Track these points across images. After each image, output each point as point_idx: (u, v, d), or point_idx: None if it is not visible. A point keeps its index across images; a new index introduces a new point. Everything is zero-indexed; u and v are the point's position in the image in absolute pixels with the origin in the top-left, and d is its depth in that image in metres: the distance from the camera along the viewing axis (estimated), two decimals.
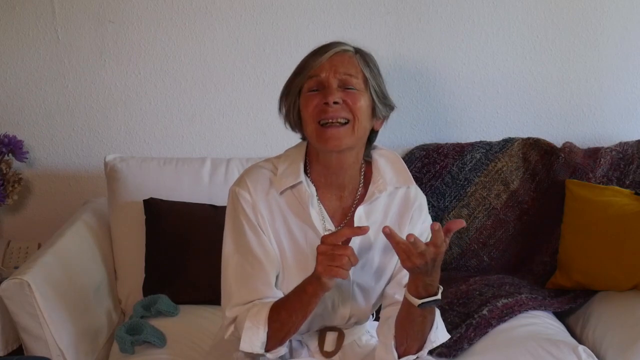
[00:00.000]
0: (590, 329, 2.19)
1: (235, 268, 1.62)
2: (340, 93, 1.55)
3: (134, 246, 2.34)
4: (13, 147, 2.49)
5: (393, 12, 2.61)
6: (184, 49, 2.59)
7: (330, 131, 1.55)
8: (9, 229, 2.66)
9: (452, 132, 2.70)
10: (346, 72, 1.57)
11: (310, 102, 1.57)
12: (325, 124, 1.55)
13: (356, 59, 1.59)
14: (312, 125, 1.57)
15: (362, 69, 1.59)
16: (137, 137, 2.64)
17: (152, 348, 2.02)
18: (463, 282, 2.32)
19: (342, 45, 1.60)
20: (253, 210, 1.62)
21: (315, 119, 1.56)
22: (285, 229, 1.63)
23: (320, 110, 1.55)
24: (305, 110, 1.58)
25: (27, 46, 2.56)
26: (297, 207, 1.63)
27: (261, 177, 1.64)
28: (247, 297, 1.59)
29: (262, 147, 2.65)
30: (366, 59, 1.61)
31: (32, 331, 1.90)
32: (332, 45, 1.60)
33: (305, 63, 1.59)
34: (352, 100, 1.56)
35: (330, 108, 1.54)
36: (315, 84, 1.57)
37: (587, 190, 2.37)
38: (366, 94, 1.59)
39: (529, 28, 2.66)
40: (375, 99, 1.60)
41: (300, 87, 1.59)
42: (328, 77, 1.56)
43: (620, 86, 2.71)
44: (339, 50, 1.58)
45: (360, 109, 1.56)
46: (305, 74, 1.58)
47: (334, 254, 1.45)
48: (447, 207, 2.51)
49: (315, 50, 1.60)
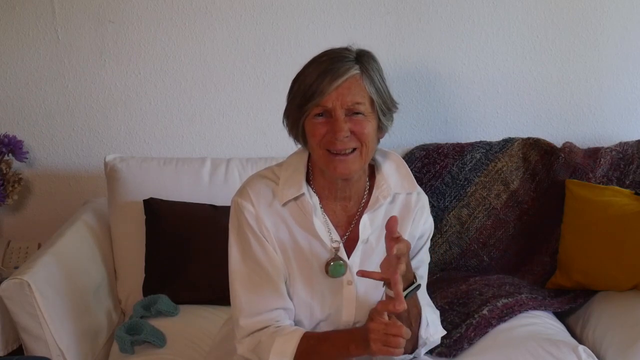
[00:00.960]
0: (590, 329, 2.19)
1: (242, 280, 1.61)
2: (348, 123, 1.53)
3: (134, 246, 2.34)
4: (13, 147, 2.49)
5: (393, 12, 2.61)
6: (184, 49, 2.59)
7: (338, 159, 1.54)
8: (9, 229, 2.66)
9: (452, 132, 2.70)
10: (353, 101, 1.53)
11: (317, 130, 1.54)
12: (333, 151, 1.54)
13: (363, 80, 1.54)
14: (319, 152, 1.56)
15: (368, 90, 1.54)
16: (137, 137, 2.64)
17: (152, 348, 2.02)
18: (463, 282, 2.32)
19: (347, 65, 1.53)
20: (257, 221, 1.61)
21: (323, 146, 1.55)
22: (290, 240, 1.62)
23: (328, 141, 1.54)
24: (313, 137, 1.56)
25: (27, 46, 2.56)
26: (301, 217, 1.62)
27: (263, 187, 1.63)
28: (257, 306, 1.59)
29: (262, 147, 2.65)
30: (371, 74, 1.55)
31: (32, 331, 1.90)
32: (337, 68, 1.52)
33: (311, 88, 1.53)
34: (360, 129, 1.54)
35: (339, 142, 1.52)
36: (321, 109, 1.54)
37: (587, 190, 2.37)
38: (373, 116, 1.56)
39: (529, 28, 2.66)
40: (381, 118, 1.58)
41: (306, 112, 1.56)
42: (335, 106, 1.52)
43: (620, 86, 2.71)
44: (345, 78, 1.52)
45: (368, 136, 1.55)
46: (311, 104, 1.53)
47: (389, 335, 1.44)
48: (447, 207, 2.51)
49: (322, 71, 1.53)
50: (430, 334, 1.63)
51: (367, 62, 1.57)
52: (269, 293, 1.60)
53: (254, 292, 1.60)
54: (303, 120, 1.57)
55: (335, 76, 1.51)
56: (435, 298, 2.19)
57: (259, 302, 1.59)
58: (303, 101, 1.54)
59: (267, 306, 1.60)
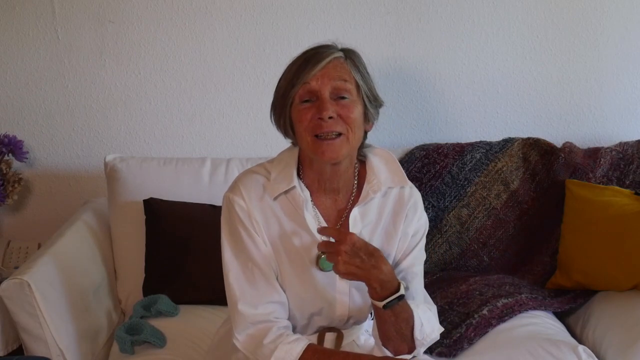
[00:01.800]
0: (590, 329, 2.19)
1: (236, 274, 1.62)
2: (334, 106, 1.54)
3: (134, 246, 2.34)
4: (13, 147, 2.49)
5: (393, 12, 2.61)
6: (184, 49, 2.59)
7: (326, 144, 1.54)
8: (9, 229, 2.66)
9: (452, 132, 2.70)
10: (339, 79, 1.55)
11: (304, 115, 1.55)
12: (320, 136, 1.55)
13: (347, 64, 1.57)
14: (307, 138, 1.56)
15: (354, 74, 1.57)
16: (137, 137, 2.64)
17: (152, 348, 2.02)
18: (463, 282, 2.32)
19: (331, 50, 1.57)
20: (248, 216, 1.61)
21: (310, 132, 1.55)
22: (281, 234, 1.63)
23: (315, 125, 1.54)
24: (299, 124, 1.56)
25: (27, 46, 2.56)
26: (292, 211, 1.63)
27: (254, 183, 1.64)
28: (253, 299, 1.60)
29: (262, 147, 2.65)
30: (356, 62, 1.59)
31: (32, 331, 1.90)
32: (321, 52, 1.56)
33: (295, 74, 1.56)
34: (346, 112, 1.55)
35: (325, 123, 1.53)
36: (307, 93, 1.55)
37: (587, 190, 2.38)
38: (358, 101, 1.57)
39: (529, 28, 2.66)
40: (367, 104, 1.59)
41: (292, 98, 1.57)
42: (320, 86, 1.54)
43: (620, 86, 2.71)
44: (330, 58, 1.55)
45: (354, 121, 1.56)
46: (296, 87, 1.55)
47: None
48: (447, 207, 2.51)
49: (305, 58, 1.56)
50: (427, 333, 1.62)
51: (352, 53, 1.60)
52: (263, 286, 1.61)
53: (248, 285, 1.61)
54: (290, 108, 1.58)
55: (319, 59, 1.54)
56: (435, 298, 2.20)
57: (254, 294, 1.60)
58: (288, 87, 1.56)
59: (262, 299, 1.60)
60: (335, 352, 1.62)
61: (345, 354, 1.61)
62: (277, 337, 1.58)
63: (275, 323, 1.60)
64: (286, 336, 1.58)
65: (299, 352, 1.56)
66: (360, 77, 1.58)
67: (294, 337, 1.59)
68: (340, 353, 1.62)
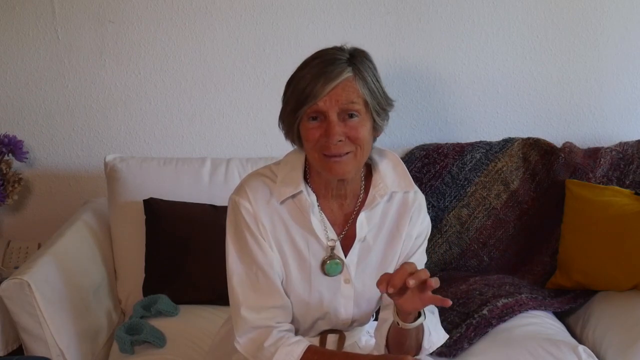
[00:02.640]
0: (590, 329, 2.19)
1: (239, 278, 1.61)
2: (342, 127, 1.51)
3: (134, 246, 2.34)
4: (13, 147, 2.49)
5: (393, 12, 2.61)
6: (184, 49, 2.59)
7: (333, 161, 1.53)
8: (9, 229, 2.66)
9: (452, 132, 2.70)
10: (347, 100, 1.51)
11: (311, 134, 1.53)
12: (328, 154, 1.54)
13: (356, 82, 1.52)
14: (314, 155, 1.55)
15: (362, 92, 1.53)
16: (137, 137, 2.64)
17: (152, 348, 2.02)
18: (463, 282, 2.32)
19: (341, 68, 1.51)
20: (254, 219, 1.60)
21: (318, 150, 1.54)
22: (287, 238, 1.62)
23: (322, 145, 1.53)
24: (307, 141, 1.55)
25: (27, 46, 2.56)
26: (299, 215, 1.62)
27: (261, 185, 1.63)
28: (256, 303, 1.59)
29: (262, 147, 2.65)
30: (365, 75, 1.53)
31: (32, 331, 1.90)
32: (330, 71, 1.51)
33: (304, 92, 1.51)
34: (354, 133, 1.52)
35: (333, 146, 1.52)
36: (315, 112, 1.52)
37: (587, 190, 2.37)
38: (367, 119, 1.55)
39: (529, 28, 2.66)
40: (376, 119, 1.57)
41: (300, 116, 1.54)
42: (328, 108, 1.51)
43: (620, 86, 2.71)
44: (339, 81, 1.50)
45: (363, 140, 1.54)
46: (304, 108, 1.52)
47: None
48: (447, 207, 2.51)
49: (315, 75, 1.51)
50: (433, 342, 1.64)
51: (361, 62, 1.55)
52: (266, 291, 1.60)
53: (252, 290, 1.60)
54: (297, 124, 1.56)
55: (328, 79, 1.50)
56: None
57: (257, 299, 1.60)
58: (297, 105, 1.53)
59: (266, 303, 1.60)
60: (335, 354, 1.62)
61: (345, 354, 1.61)
62: (278, 340, 1.58)
63: (277, 327, 1.60)
64: (287, 338, 1.58)
65: (299, 354, 1.56)
66: (369, 92, 1.54)
67: (294, 339, 1.58)
68: (341, 354, 1.62)
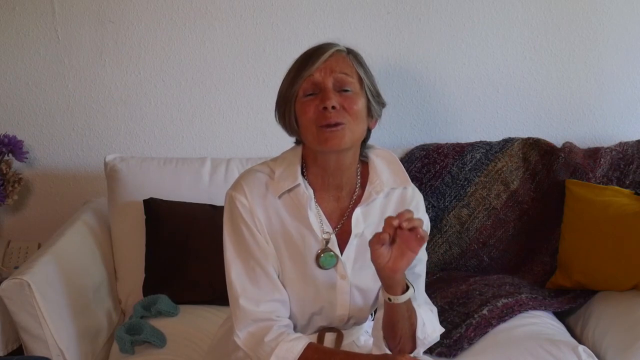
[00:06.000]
0: (590, 329, 2.19)
1: (237, 272, 1.62)
2: (337, 97, 1.55)
3: (134, 246, 2.34)
4: (13, 147, 2.49)
5: (393, 12, 2.61)
6: (184, 49, 2.59)
7: (329, 131, 1.55)
8: (9, 229, 2.66)
9: (452, 132, 2.71)
10: (341, 71, 1.56)
11: (308, 107, 1.56)
12: (324, 126, 1.56)
13: (349, 58, 1.59)
14: (311, 129, 1.57)
15: (356, 68, 1.59)
16: (137, 137, 2.65)
17: (152, 348, 2.02)
18: (463, 282, 2.32)
19: (334, 46, 1.59)
20: (250, 214, 1.61)
21: (314, 123, 1.56)
22: (283, 232, 1.63)
23: (319, 116, 1.55)
24: (304, 116, 1.57)
25: (27, 46, 2.56)
26: (295, 210, 1.63)
27: (257, 181, 1.64)
28: (254, 295, 1.60)
29: (262, 147, 2.65)
30: (358, 58, 1.61)
31: (32, 331, 1.90)
32: (323, 47, 1.59)
33: (299, 68, 1.58)
34: (349, 104, 1.56)
35: (329, 113, 1.54)
36: (311, 86, 1.56)
37: (587, 190, 2.38)
38: (361, 95, 1.58)
39: (529, 28, 2.66)
40: (370, 99, 1.60)
41: (296, 92, 1.59)
42: (324, 78, 1.55)
43: (620, 86, 2.72)
44: (332, 51, 1.57)
45: (357, 112, 1.56)
46: (301, 80, 1.56)
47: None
48: (447, 207, 2.51)
49: (308, 54, 1.59)
50: (428, 333, 1.63)
51: (354, 52, 1.62)
52: (265, 284, 1.61)
53: (250, 283, 1.61)
54: (294, 102, 1.58)
55: (322, 52, 1.57)
56: (435, 298, 2.20)
57: (255, 293, 1.60)
58: (292, 82, 1.57)
59: (264, 297, 1.60)
60: (335, 352, 1.62)
61: (345, 353, 1.61)
62: (278, 335, 1.58)
63: (277, 321, 1.60)
64: (287, 334, 1.58)
65: (299, 351, 1.56)
66: (363, 71, 1.60)
67: (295, 336, 1.59)
68: (341, 352, 1.62)
